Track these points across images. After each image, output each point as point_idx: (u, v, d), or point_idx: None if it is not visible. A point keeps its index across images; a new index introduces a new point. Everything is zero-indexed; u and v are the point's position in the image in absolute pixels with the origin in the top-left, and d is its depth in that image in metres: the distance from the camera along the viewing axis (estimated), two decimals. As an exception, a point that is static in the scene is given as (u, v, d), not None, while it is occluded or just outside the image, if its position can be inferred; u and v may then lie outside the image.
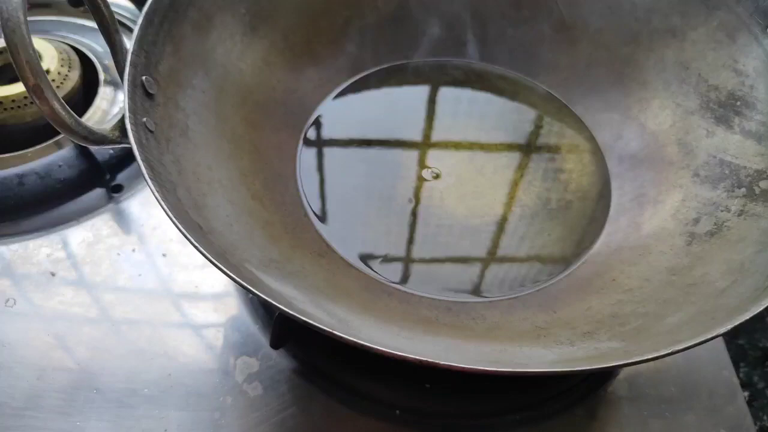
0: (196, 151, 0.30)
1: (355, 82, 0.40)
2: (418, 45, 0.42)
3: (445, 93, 0.41)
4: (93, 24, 0.49)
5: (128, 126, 0.25)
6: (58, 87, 0.43)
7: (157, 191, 0.24)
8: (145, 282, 0.36)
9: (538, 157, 0.39)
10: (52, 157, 0.39)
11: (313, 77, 0.39)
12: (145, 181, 0.24)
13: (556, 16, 0.41)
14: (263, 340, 0.33)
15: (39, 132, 0.42)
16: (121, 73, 0.27)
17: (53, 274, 0.37)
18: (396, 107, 0.40)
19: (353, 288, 0.30)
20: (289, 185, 0.34)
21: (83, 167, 0.40)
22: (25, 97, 0.42)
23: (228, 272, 0.21)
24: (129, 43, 0.28)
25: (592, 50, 0.40)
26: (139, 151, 0.25)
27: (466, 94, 0.42)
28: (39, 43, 0.45)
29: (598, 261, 0.33)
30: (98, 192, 0.40)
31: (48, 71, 0.43)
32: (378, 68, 0.41)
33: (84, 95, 0.46)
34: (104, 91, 0.46)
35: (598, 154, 0.38)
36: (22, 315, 0.35)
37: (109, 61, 0.48)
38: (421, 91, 0.41)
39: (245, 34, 0.36)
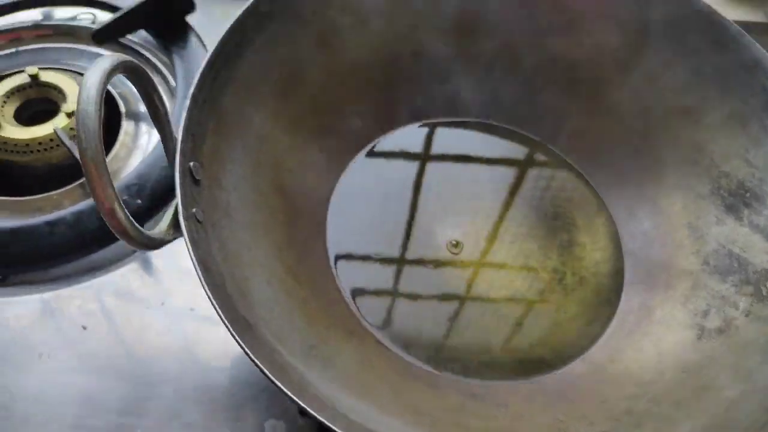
0: (238, 230, 0.31)
1: (384, 143, 0.41)
2: (438, 105, 0.43)
3: (462, 154, 0.43)
4: (107, 53, 0.50)
5: (183, 225, 0.26)
6: (83, 129, 0.44)
7: (212, 293, 0.25)
8: (173, 338, 0.37)
9: (554, 227, 0.40)
10: (82, 206, 0.40)
11: (342, 138, 0.40)
12: (202, 285, 0.25)
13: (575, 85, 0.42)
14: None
15: (64, 173, 0.43)
16: (171, 162, 0.28)
17: (84, 328, 0.38)
18: (415, 172, 0.41)
19: (384, 370, 0.31)
20: (321, 256, 0.35)
21: (111, 217, 0.40)
22: (52, 140, 0.43)
23: (281, 387, 0.23)
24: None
25: (610, 122, 0.41)
26: (194, 251, 0.26)
27: (481, 155, 0.43)
28: (62, 80, 0.46)
29: (612, 345, 0.35)
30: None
31: (73, 113, 0.43)
32: (404, 127, 0.42)
33: (106, 131, 0.47)
34: (126, 126, 0.47)
35: (611, 228, 0.40)
36: (55, 369, 0.36)
37: (124, 90, 0.49)
38: (444, 153, 0.43)
39: (278, 101, 0.37)
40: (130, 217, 0.22)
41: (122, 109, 0.47)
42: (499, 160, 0.43)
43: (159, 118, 0.26)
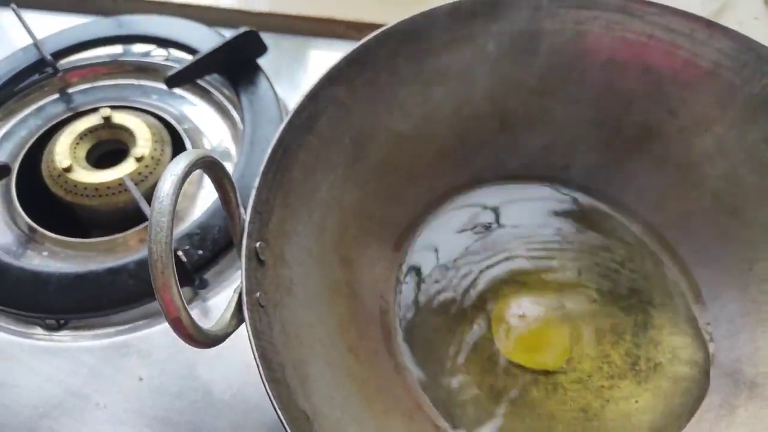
0: (299, 308, 0.30)
1: (449, 206, 0.40)
2: (516, 166, 0.41)
3: (536, 221, 0.41)
4: (179, 91, 0.50)
5: (246, 317, 0.25)
6: (150, 173, 0.44)
7: (272, 392, 0.24)
8: (227, 392, 0.37)
9: (629, 306, 0.38)
10: (143, 255, 0.40)
11: (410, 202, 0.39)
12: (262, 381, 0.24)
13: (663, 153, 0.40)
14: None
15: (128, 217, 0.44)
16: (238, 247, 0.27)
17: (141, 379, 0.38)
18: (489, 235, 0.40)
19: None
20: (383, 327, 0.34)
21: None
22: (119, 184, 0.43)
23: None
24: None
25: (698, 195, 0.39)
26: (256, 344, 0.25)
27: (555, 223, 0.41)
28: (133, 122, 0.46)
29: (689, 447, 0.32)
30: (185, 290, 0.41)
31: (142, 158, 0.44)
32: (473, 188, 0.41)
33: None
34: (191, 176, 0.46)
35: (691, 310, 0.37)
36: (110, 420, 0.36)
37: (190, 126, 0.49)
38: (516, 218, 0.41)
39: (347, 165, 0.36)
40: (195, 322, 0.22)
41: (188, 145, 0.48)
42: (578, 226, 0.40)
43: (229, 204, 0.26)
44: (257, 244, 0.28)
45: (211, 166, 0.23)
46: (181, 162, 0.21)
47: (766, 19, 0.56)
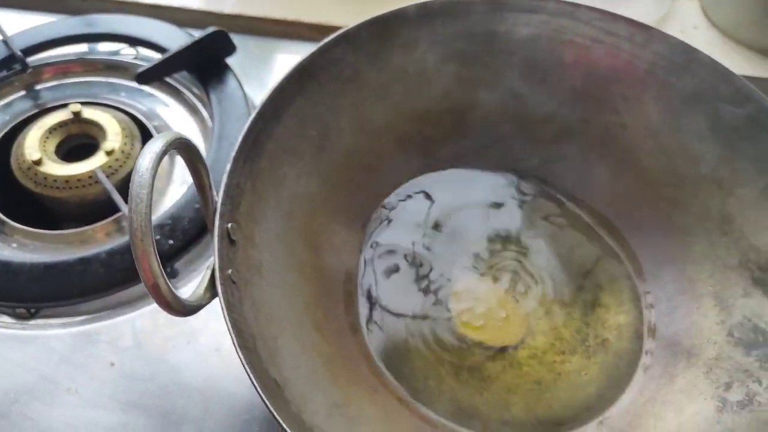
0: (268, 288, 0.32)
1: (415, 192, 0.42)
2: (471, 157, 0.44)
3: (489, 209, 0.43)
4: (148, 88, 0.51)
5: (219, 290, 0.27)
6: (120, 166, 0.45)
7: (244, 358, 0.26)
8: (199, 378, 0.38)
9: (579, 287, 0.40)
10: (115, 245, 0.41)
11: (372, 191, 0.41)
12: (235, 349, 0.26)
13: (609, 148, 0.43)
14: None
15: (99, 209, 0.44)
16: (211, 227, 0.29)
17: (112, 364, 0.39)
18: (443, 223, 0.42)
19: (407, 428, 0.32)
20: (348, 311, 0.36)
21: (144, 256, 0.41)
22: (90, 177, 0.44)
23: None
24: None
25: (641, 186, 0.42)
26: (229, 315, 0.27)
27: (512, 206, 0.44)
28: (103, 117, 0.47)
29: (632, 410, 0.35)
30: (155, 279, 0.42)
31: (112, 151, 0.45)
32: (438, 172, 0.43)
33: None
34: (159, 171, 0.47)
35: (635, 290, 0.40)
36: (82, 404, 0.37)
37: (160, 124, 0.50)
38: (474, 202, 0.43)
39: (313, 155, 0.38)
40: (173, 290, 0.23)
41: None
42: (531, 212, 0.43)
43: (203, 187, 0.27)
44: (229, 225, 0.30)
45: (185, 147, 0.25)
46: (159, 140, 0.23)
47: (705, 29, 0.61)
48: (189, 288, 0.42)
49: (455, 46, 0.41)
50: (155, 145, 0.22)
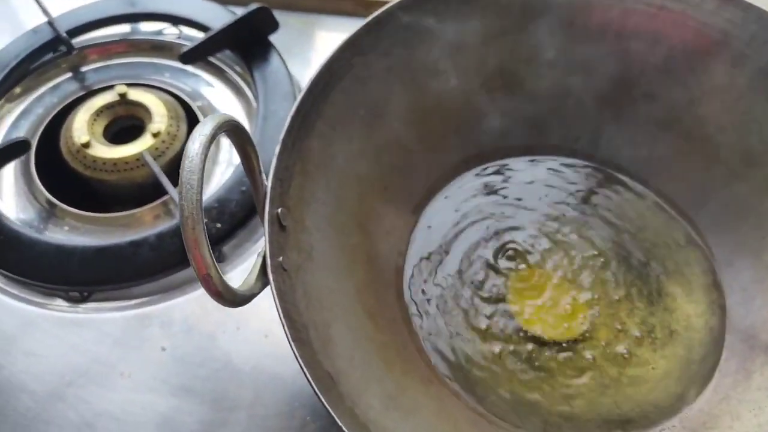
0: (319, 273, 0.31)
1: (466, 180, 0.40)
2: (528, 137, 0.42)
3: (549, 191, 0.41)
4: (192, 68, 0.51)
5: (270, 278, 0.26)
6: (167, 148, 0.45)
7: (298, 351, 0.25)
8: (248, 363, 0.38)
9: (643, 275, 0.38)
10: (164, 228, 0.40)
11: (423, 172, 0.39)
12: (288, 341, 0.25)
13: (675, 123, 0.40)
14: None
15: (147, 192, 0.44)
16: (261, 213, 0.28)
17: (164, 349, 0.38)
18: (499, 208, 0.40)
19: (462, 423, 0.31)
20: (399, 297, 0.35)
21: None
22: (137, 160, 0.44)
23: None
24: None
25: (710, 164, 0.39)
26: (281, 304, 0.26)
27: (570, 191, 0.41)
28: (148, 98, 0.47)
29: (706, 410, 0.33)
30: (204, 262, 0.42)
31: (158, 133, 0.44)
32: (493, 161, 0.41)
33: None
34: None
35: (707, 279, 0.38)
36: (135, 388, 0.37)
37: (203, 104, 0.49)
38: (530, 186, 0.41)
39: (363, 135, 0.36)
40: (225, 280, 0.22)
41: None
42: (592, 195, 0.41)
43: (252, 171, 0.26)
44: (278, 210, 0.29)
45: (235, 130, 0.24)
46: (209, 124, 0.22)
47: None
48: (237, 273, 0.42)
49: (508, 16, 0.38)
50: (205, 129, 0.21)
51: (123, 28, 0.53)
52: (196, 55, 0.48)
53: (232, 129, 0.24)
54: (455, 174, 0.40)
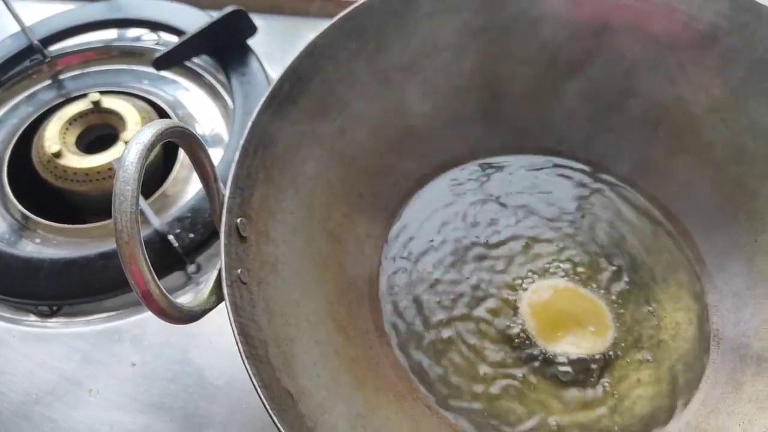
0: (285, 286, 0.29)
1: (441, 184, 0.38)
2: (510, 139, 0.40)
3: (532, 196, 0.39)
4: (170, 75, 0.50)
5: (225, 293, 0.24)
6: (140, 157, 0.43)
7: (251, 367, 0.24)
8: (220, 379, 0.37)
9: (630, 281, 0.36)
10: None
11: (399, 176, 0.38)
12: (241, 358, 0.24)
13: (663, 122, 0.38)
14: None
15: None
16: (217, 223, 0.26)
17: (134, 365, 0.37)
18: (478, 213, 0.38)
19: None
20: (374, 309, 0.33)
21: (164, 251, 0.40)
22: (109, 169, 0.42)
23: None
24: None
25: (701, 165, 0.37)
26: (235, 320, 0.24)
27: (552, 194, 0.40)
28: (123, 106, 0.45)
29: (693, 423, 0.31)
30: (177, 275, 0.40)
31: (132, 141, 0.43)
32: (472, 162, 0.40)
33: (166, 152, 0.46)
34: (183, 158, 0.46)
35: (695, 284, 0.36)
36: (103, 406, 0.36)
37: (182, 112, 0.48)
38: (511, 192, 0.39)
39: (334, 139, 0.35)
40: (168, 296, 0.21)
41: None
42: (575, 197, 0.39)
43: (207, 178, 0.25)
44: (238, 220, 0.27)
45: (182, 135, 0.23)
46: (147, 131, 0.20)
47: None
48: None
49: (486, 16, 0.37)
50: (142, 136, 0.20)
51: (100, 35, 0.52)
52: (169, 61, 0.47)
53: (177, 135, 0.22)
54: (432, 178, 0.38)
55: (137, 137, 0.20)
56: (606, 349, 0.34)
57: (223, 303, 0.25)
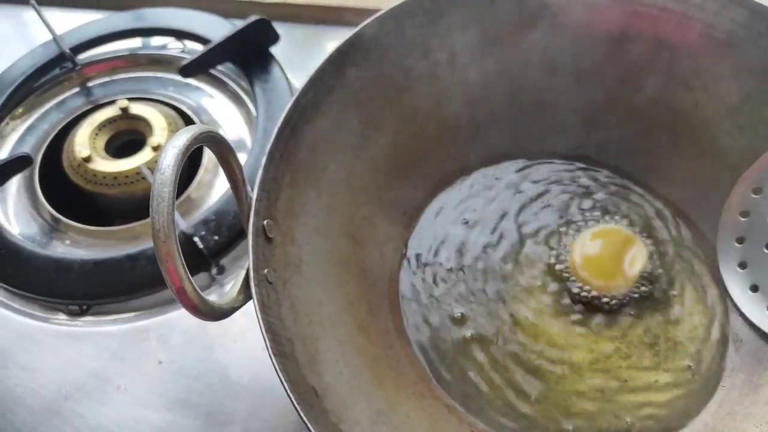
0: (308, 286, 0.30)
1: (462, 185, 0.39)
2: (527, 144, 0.41)
3: (553, 196, 0.40)
4: (195, 82, 0.51)
5: (253, 292, 0.25)
6: (167, 161, 0.45)
7: (279, 364, 0.24)
8: (244, 377, 0.37)
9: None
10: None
11: (419, 180, 0.39)
12: (269, 355, 0.25)
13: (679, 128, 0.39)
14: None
15: (147, 205, 0.44)
16: (245, 224, 0.27)
17: (160, 362, 0.38)
18: (501, 209, 0.39)
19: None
20: (393, 309, 0.34)
21: (190, 253, 0.41)
22: (137, 173, 0.44)
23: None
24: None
25: (717, 170, 0.38)
26: (263, 318, 0.25)
27: (575, 200, 0.40)
28: (150, 112, 0.47)
29: (711, 425, 0.31)
30: (202, 275, 0.41)
31: (159, 147, 0.44)
32: (485, 168, 0.40)
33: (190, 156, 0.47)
34: (206, 163, 0.47)
35: (714, 286, 0.36)
36: (130, 402, 0.37)
37: (206, 118, 0.49)
38: (525, 194, 0.40)
39: (356, 145, 0.36)
40: (200, 293, 0.22)
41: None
42: (595, 203, 0.40)
43: (235, 181, 0.26)
44: (264, 222, 0.28)
45: (213, 141, 0.24)
46: (182, 136, 0.21)
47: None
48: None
49: (505, 22, 0.38)
50: (179, 141, 0.21)
51: (128, 44, 0.54)
52: (195, 69, 0.48)
53: (210, 140, 0.23)
54: (451, 182, 0.39)
55: (173, 141, 0.21)
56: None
57: (250, 302, 0.26)
